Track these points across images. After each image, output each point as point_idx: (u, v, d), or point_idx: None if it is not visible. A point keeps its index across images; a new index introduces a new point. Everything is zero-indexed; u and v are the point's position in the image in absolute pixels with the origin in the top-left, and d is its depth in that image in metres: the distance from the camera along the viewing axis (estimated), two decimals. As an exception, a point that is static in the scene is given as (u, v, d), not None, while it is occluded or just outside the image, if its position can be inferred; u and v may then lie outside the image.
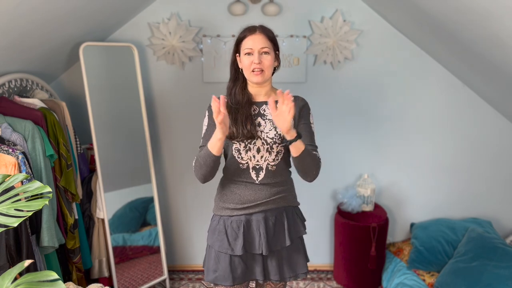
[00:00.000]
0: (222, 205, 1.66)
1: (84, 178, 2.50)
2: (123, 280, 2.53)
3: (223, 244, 1.61)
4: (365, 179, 2.76)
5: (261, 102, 1.65)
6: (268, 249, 1.60)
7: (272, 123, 1.60)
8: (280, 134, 1.59)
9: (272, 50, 1.59)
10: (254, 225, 1.62)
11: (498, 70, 2.07)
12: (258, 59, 1.55)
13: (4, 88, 2.06)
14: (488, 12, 1.57)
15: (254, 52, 1.56)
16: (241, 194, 1.62)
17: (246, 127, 1.57)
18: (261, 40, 1.56)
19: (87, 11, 2.09)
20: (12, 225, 1.04)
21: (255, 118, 1.62)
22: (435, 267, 2.53)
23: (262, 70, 1.56)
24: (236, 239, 1.61)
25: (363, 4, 2.57)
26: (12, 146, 1.87)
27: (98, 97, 2.42)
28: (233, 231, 1.62)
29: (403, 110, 2.74)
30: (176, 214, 2.97)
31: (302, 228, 1.72)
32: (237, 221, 1.62)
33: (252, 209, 1.61)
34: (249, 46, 1.56)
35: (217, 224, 1.66)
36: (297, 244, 1.70)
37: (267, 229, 1.62)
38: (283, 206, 1.67)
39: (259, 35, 1.57)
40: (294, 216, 1.70)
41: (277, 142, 1.59)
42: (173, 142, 2.83)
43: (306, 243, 1.79)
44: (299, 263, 1.69)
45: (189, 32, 2.58)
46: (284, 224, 1.65)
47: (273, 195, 1.63)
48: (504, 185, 2.82)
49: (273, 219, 1.63)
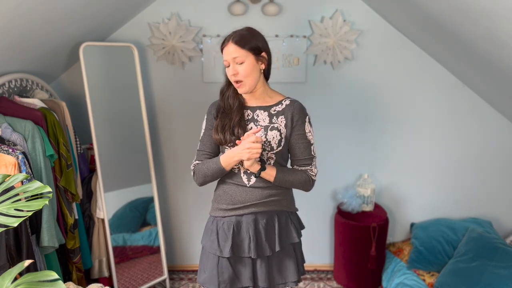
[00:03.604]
0: (216, 206, 1.67)
1: (84, 178, 2.50)
2: (123, 280, 2.53)
3: (213, 245, 1.61)
4: (365, 179, 2.76)
5: (255, 107, 1.63)
6: (256, 253, 1.58)
7: (264, 129, 1.59)
8: (270, 142, 1.57)
9: (251, 57, 1.54)
10: (244, 227, 1.60)
11: (498, 70, 2.07)
12: (232, 70, 1.54)
13: (4, 88, 2.06)
14: (488, 12, 1.57)
15: (230, 63, 1.55)
16: (232, 195, 1.61)
17: (234, 133, 1.56)
18: (232, 51, 1.53)
19: (87, 11, 2.09)
20: (12, 225, 1.04)
21: (247, 123, 1.60)
22: (435, 267, 2.53)
23: (241, 81, 1.55)
24: (225, 240, 1.60)
25: (363, 4, 2.57)
26: (12, 146, 1.87)
27: (98, 97, 2.41)
28: (224, 232, 1.61)
29: (403, 110, 2.74)
30: (176, 214, 2.97)
31: (295, 235, 1.66)
32: (228, 223, 1.61)
33: (242, 210, 1.60)
34: (225, 59, 1.57)
35: (210, 225, 1.67)
36: (289, 250, 1.65)
37: (257, 232, 1.59)
38: (275, 210, 1.63)
39: (230, 46, 1.54)
40: (287, 222, 1.66)
41: (267, 150, 1.58)
42: (173, 142, 2.83)
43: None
44: (290, 270, 1.64)
45: (189, 32, 2.58)
46: (275, 229, 1.61)
47: (265, 197, 1.60)
48: (504, 185, 2.82)
49: (263, 222, 1.60)
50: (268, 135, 1.57)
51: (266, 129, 1.58)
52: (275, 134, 1.57)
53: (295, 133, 1.60)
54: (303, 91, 2.70)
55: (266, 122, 1.59)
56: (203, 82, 2.71)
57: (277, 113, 1.60)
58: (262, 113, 1.61)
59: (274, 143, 1.57)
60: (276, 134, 1.57)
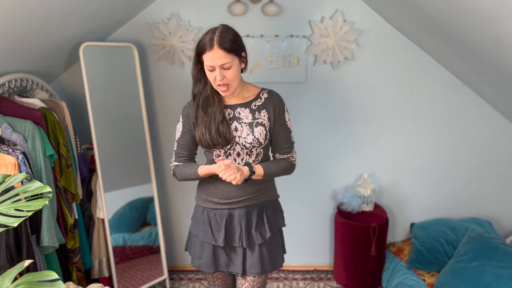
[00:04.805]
0: (206, 198, 1.71)
1: (84, 178, 2.50)
2: (123, 280, 2.54)
3: (207, 234, 1.68)
4: (365, 179, 2.76)
5: (235, 105, 1.62)
6: (248, 243, 1.66)
7: (249, 126, 1.60)
8: (258, 138, 1.60)
9: (235, 58, 1.51)
10: (236, 219, 1.68)
11: (498, 70, 2.07)
12: (220, 75, 1.49)
13: (4, 88, 2.06)
14: (488, 12, 1.57)
15: (216, 68, 1.50)
16: (225, 190, 1.66)
17: (220, 134, 1.57)
18: (220, 57, 1.47)
19: (87, 11, 2.09)
20: (12, 225, 1.04)
21: (230, 123, 1.60)
22: (435, 267, 2.53)
23: (227, 84, 1.53)
24: (219, 230, 1.67)
25: (363, 4, 2.57)
26: (12, 146, 1.87)
27: (98, 97, 2.42)
28: (217, 223, 1.68)
29: (403, 110, 2.74)
30: (176, 214, 2.97)
31: (282, 221, 1.79)
32: (220, 214, 1.68)
33: (235, 204, 1.67)
34: (210, 64, 1.49)
35: (201, 215, 1.73)
36: (276, 237, 1.75)
37: (248, 223, 1.68)
38: (264, 201, 1.73)
39: (217, 51, 1.46)
40: (275, 210, 1.77)
41: (256, 146, 1.61)
42: (173, 142, 2.83)
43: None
44: (278, 256, 1.76)
45: (189, 32, 2.58)
46: (264, 218, 1.70)
47: (255, 192, 1.68)
48: (504, 185, 2.82)
49: (255, 214, 1.69)
50: (254, 132, 1.60)
51: (251, 125, 1.61)
52: (261, 129, 1.61)
53: (278, 124, 1.66)
54: (303, 91, 2.70)
55: (250, 119, 1.61)
56: (203, 82, 2.70)
57: (258, 108, 1.63)
58: (244, 110, 1.62)
59: (262, 138, 1.62)
60: (261, 129, 1.61)
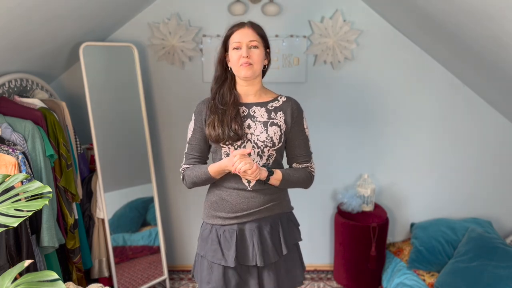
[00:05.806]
0: (213, 213, 1.59)
1: (84, 178, 2.50)
2: (123, 280, 2.53)
3: (216, 254, 1.54)
4: (365, 179, 2.76)
5: (251, 103, 1.59)
6: (263, 260, 1.52)
7: (263, 125, 1.54)
8: (272, 137, 1.54)
9: (262, 46, 1.55)
10: (248, 234, 1.54)
11: (498, 70, 2.07)
12: (246, 52, 1.50)
13: (4, 88, 2.06)
14: (488, 12, 1.57)
15: (242, 45, 1.51)
16: (233, 203, 1.54)
17: (232, 128, 1.50)
18: (249, 34, 1.52)
19: (87, 11, 2.09)
20: (12, 225, 1.04)
21: (244, 120, 1.55)
22: (435, 267, 2.53)
23: (250, 63, 1.51)
24: (229, 249, 1.53)
25: (363, 4, 2.57)
26: (12, 146, 1.87)
27: (98, 97, 2.41)
28: (226, 241, 1.54)
29: (403, 110, 2.74)
30: (176, 214, 2.97)
31: (298, 235, 1.67)
32: (230, 231, 1.55)
33: (245, 218, 1.54)
34: (237, 40, 1.52)
35: (209, 233, 1.58)
36: (294, 252, 1.64)
37: (262, 239, 1.54)
38: (277, 214, 1.60)
39: (247, 29, 1.53)
40: (289, 223, 1.64)
41: (269, 146, 1.53)
42: (173, 142, 2.83)
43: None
44: (297, 273, 1.65)
45: (189, 32, 2.58)
46: (280, 232, 1.58)
47: (267, 202, 1.56)
48: (504, 185, 2.82)
49: (268, 228, 1.56)
50: (268, 131, 1.54)
51: (266, 124, 1.55)
52: (276, 129, 1.55)
53: (295, 129, 1.59)
54: (303, 91, 2.70)
55: (265, 118, 1.56)
56: (203, 82, 2.71)
57: (275, 109, 1.58)
58: (259, 109, 1.57)
59: (276, 139, 1.54)
60: (276, 129, 1.55)
